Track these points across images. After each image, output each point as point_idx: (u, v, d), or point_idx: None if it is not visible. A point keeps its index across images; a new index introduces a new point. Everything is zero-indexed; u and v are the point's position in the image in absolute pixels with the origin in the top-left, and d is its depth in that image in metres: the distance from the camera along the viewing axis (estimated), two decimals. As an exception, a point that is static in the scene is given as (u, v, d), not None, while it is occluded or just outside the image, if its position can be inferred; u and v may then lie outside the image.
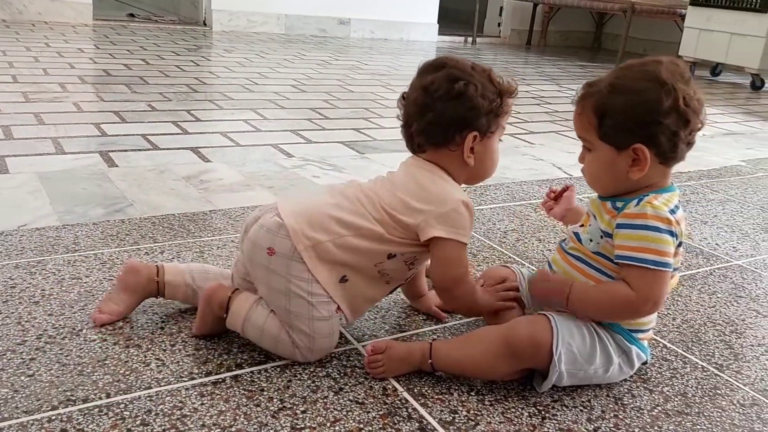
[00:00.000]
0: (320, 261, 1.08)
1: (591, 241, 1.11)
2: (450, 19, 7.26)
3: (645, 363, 1.17)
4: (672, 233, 1.03)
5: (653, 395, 1.13)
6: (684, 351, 1.28)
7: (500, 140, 1.19)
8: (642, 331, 1.13)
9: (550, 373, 1.06)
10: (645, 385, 1.15)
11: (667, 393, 1.14)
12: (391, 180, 1.15)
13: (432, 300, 1.31)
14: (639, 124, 1.04)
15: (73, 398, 0.99)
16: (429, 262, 1.15)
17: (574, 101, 1.12)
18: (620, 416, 1.07)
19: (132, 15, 6.04)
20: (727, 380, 1.20)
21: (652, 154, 1.05)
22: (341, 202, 1.12)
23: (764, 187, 2.48)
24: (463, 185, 1.19)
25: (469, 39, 6.94)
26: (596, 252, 1.10)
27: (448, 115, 1.11)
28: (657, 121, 1.04)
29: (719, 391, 1.16)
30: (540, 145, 2.83)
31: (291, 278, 1.07)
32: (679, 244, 1.06)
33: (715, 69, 5.73)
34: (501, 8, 7.40)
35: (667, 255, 1.03)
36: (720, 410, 1.11)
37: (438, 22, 6.77)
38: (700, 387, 1.17)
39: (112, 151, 2.21)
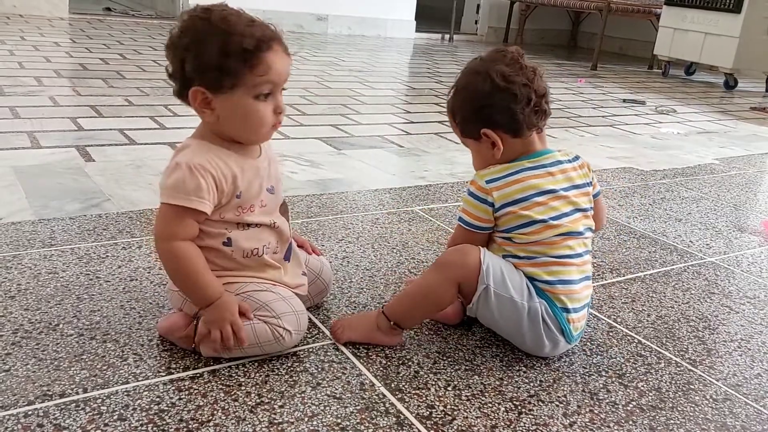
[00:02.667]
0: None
1: None
2: (427, 16, 7.26)
3: (566, 336, 1.17)
4: (479, 198, 1.18)
5: (628, 390, 1.14)
6: (658, 347, 1.30)
7: (262, 95, 1.06)
8: (544, 282, 1.16)
9: (479, 287, 1.14)
10: (620, 381, 1.17)
11: (642, 388, 1.16)
12: None
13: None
14: (474, 113, 1.20)
15: (50, 393, 0.98)
16: None
17: None
18: (595, 411, 1.08)
19: (108, 9, 5.98)
20: (700, 375, 1.22)
21: (499, 132, 1.18)
22: None
23: (737, 186, 2.52)
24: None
25: (446, 36, 6.95)
26: None
27: (171, 67, 1.10)
28: (485, 104, 1.18)
29: (693, 387, 1.18)
30: (517, 143, 2.85)
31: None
32: (537, 195, 1.17)
33: (690, 68, 5.80)
34: (478, 6, 7.42)
35: (470, 216, 1.20)
36: (693, 405, 1.12)
37: (415, 20, 6.77)
38: (674, 382, 1.18)
39: (89, 145, 2.18)
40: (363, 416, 1.00)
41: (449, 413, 1.03)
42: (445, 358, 1.17)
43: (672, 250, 1.80)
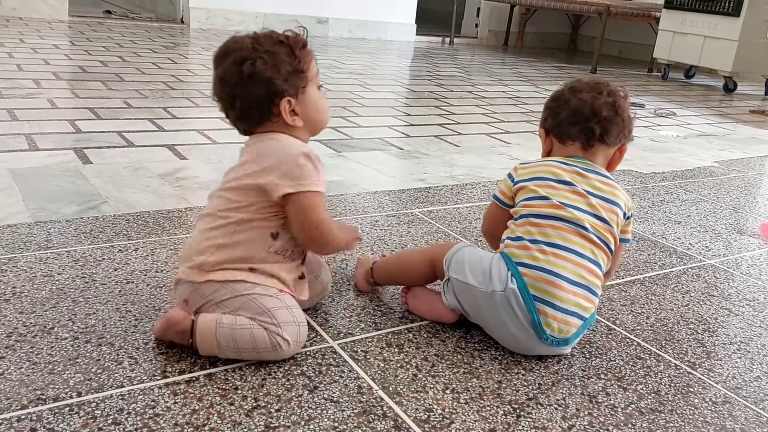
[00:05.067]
0: (225, 272, 1.11)
1: None
2: (428, 19, 7.27)
3: (536, 330, 1.16)
4: (508, 175, 1.32)
5: (627, 393, 1.14)
6: (657, 349, 1.29)
7: (320, 87, 1.21)
8: (524, 265, 1.17)
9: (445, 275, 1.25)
10: (619, 383, 1.16)
11: (641, 391, 1.15)
12: (240, 163, 1.18)
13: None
14: (543, 112, 1.37)
15: (44, 397, 0.97)
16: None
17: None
18: (594, 414, 1.07)
19: (108, 12, 5.98)
20: (699, 378, 1.21)
21: (550, 135, 1.34)
22: (209, 222, 1.14)
23: (736, 188, 2.51)
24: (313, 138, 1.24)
25: (447, 39, 6.96)
26: None
27: (251, 96, 1.13)
28: (547, 107, 1.36)
29: (692, 389, 1.17)
30: (516, 145, 2.85)
31: (222, 305, 1.11)
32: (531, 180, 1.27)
33: (689, 71, 5.79)
34: (478, 9, 7.42)
35: (498, 189, 1.33)
36: (693, 408, 1.12)
37: (416, 23, 6.78)
38: (673, 385, 1.18)
39: (87, 148, 2.18)
40: (360, 420, 0.99)
41: (447, 416, 1.02)
42: (443, 361, 1.17)
43: (671, 253, 1.80)
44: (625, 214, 1.25)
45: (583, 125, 1.27)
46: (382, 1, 6.49)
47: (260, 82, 1.11)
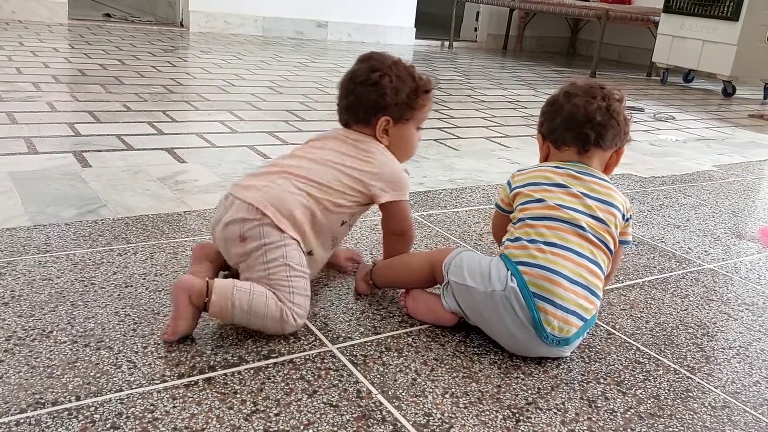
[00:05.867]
0: (288, 225, 1.22)
1: None
2: (427, 23, 7.28)
3: (537, 329, 1.16)
4: (507, 182, 1.34)
5: (626, 398, 1.14)
6: (657, 354, 1.29)
7: (418, 129, 1.38)
8: (524, 264, 1.18)
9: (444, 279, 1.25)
10: (618, 388, 1.16)
11: (640, 395, 1.15)
12: (346, 151, 1.31)
13: (341, 254, 1.49)
14: (539, 117, 1.38)
15: (42, 401, 0.97)
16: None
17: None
18: (593, 419, 1.07)
19: (108, 15, 5.98)
20: (699, 383, 1.21)
21: (547, 140, 1.35)
22: (305, 186, 1.25)
23: (735, 192, 2.51)
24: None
25: (446, 43, 6.97)
26: None
27: (364, 98, 1.31)
28: (542, 112, 1.37)
29: (691, 394, 1.17)
30: (515, 149, 2.85)
31: (266, 248, 1.19)
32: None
33: (688, 75, 5.80)
34: (477, 13, 7.44)
35: (498, 196, 1.36)
36: (692, 413, 1.12)
37: (415, 26, 6.78)
38: (672, 389, 1.18)
39: (86, 151, 2.18)
40: (359, 424, 0.99)
41: (446, 421, 1.02)
42: (442, 365, 1.17)
43: (670, 257, 1.80)
44: (623, 215, 1.26)
45: (577, 131, 1.29)
46: (382, 5, 6.50)
47: (376, 92, 1.30)
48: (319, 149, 1.31)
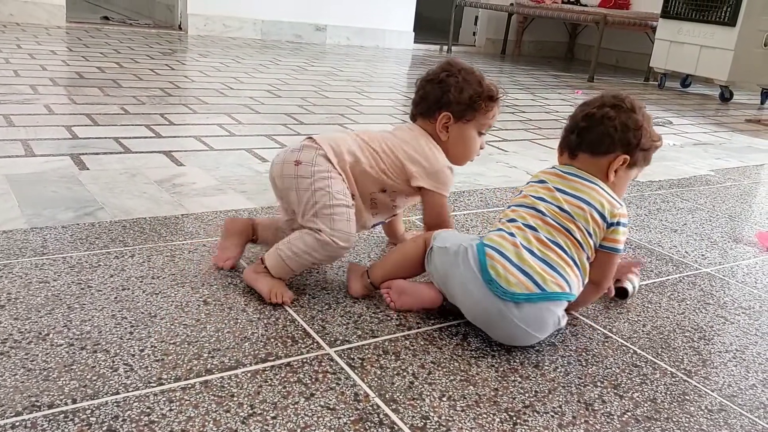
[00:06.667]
0: (336, 161, 1.38)
1: None
2: (425, 27, 7.29)
3: (481, 272, 1.23)
4: None
5: (623, 401, 1.14)
6: (654, 357, 1.29)
7: (482, 133, 1.50)
8: (490, 247, 1.26)
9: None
10: (615, 391, 1.16)
11: (637, 399, 1.15)
12: (398, 136, 1.47)
13: (399, 230, 1.68)
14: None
15: (38, 404, 0.97)
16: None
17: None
18: (590, 422, 1.07)
19: (106, 18, 5.99)
20: (695, 386, 1.21)
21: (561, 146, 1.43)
22: (359, 142, 1.44)
23: (732, 197, 2.52)
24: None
25: (445, 47, 6.98)
26: None
27: (430, 94, 1.46)
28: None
29: (688, 397, 1.17)
30: (513, 153, 2.85)
31: (315, 176, 1.35)
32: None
33: (685, 80, 5.81)
34: (476, 17, 7.45)
35: None
36: (688, 416, 1.12)
37: (414, 30, 6.80)
38: (669, 393, 1.18)
39: (84, 154, 2.18)
40: (357, 427, 0.99)
41: (444, 424, 1.02)
42: (440, 369, 1.17)
43: (667, 261, 1.80)
44: (604, 217, 1.27)
45: (566, 137, 1.37)
46: (381, 9, 6.51)
47: (441, 89, 1.44)
48: (383, 132, 1.50)
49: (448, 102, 1.43)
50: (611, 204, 1.28)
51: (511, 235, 1.25)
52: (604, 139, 1.31)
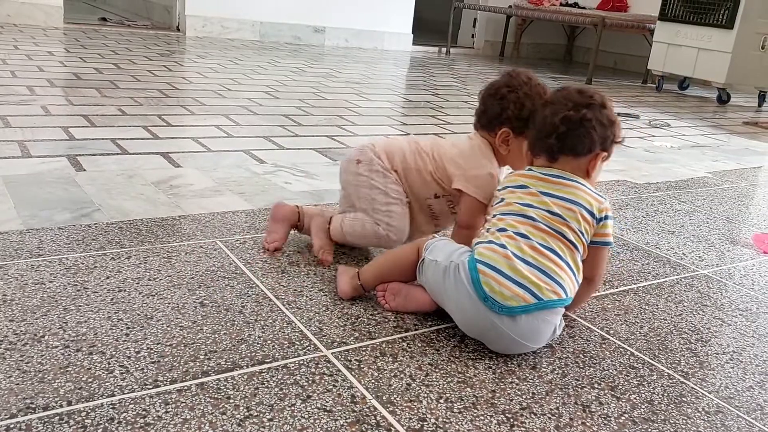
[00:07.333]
0: (393, 170, 1.52)
1: None
2: (424, 29, 7.29)
3: (475, 289, 1.21)
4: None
5: (620, 402, 1.13)
6: (651, 359, 1.29)
7: None
8: (478, 243, 1.27)
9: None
10: (612, 393, 1.16)
11: (634, 400, 1.15)
12: (455, 142, 1.54)
13: None
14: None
15: (33, 406, 0.96)
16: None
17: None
18: (588, 423, 1.07)
19: (104, 19, 5.98)
20: (692, 388, 1.21)
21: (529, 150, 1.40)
22: (414, 146, 1.54)
23: (730, 199, 2.52)
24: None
25: (443, 49, 6.98)
26: None
27: (490, 108, 1.48)
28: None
29: (685, 399, 1.17)
30: (511, 155, 2.85)
31: (372, 176, 1.51)
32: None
33: (683, 83, 5.82)
34: (475, 20, 7.45)
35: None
36: (685, 417, 1.12)
37: (412, 32, 6.80)
38: (666, 394, 1.18)
39: (81, 155, 2.17)
40: (354, 429, 0.99)
41: (441, 426, 1.02)
42: (437, 370, 1.16)
43: (665, 263, 1.80)
44: (593, 214, 1.27)
45: (543, 141, 1.33)
46: (379, 11, 6.51)
47: (500, 105, 1.45)
48: (443, 139, 1.58)
49: (507, 118, 1.45)
50: (597, 201, 1.29)
51: (502, 246, 1.22)
52: (585, 140, 1.30)
